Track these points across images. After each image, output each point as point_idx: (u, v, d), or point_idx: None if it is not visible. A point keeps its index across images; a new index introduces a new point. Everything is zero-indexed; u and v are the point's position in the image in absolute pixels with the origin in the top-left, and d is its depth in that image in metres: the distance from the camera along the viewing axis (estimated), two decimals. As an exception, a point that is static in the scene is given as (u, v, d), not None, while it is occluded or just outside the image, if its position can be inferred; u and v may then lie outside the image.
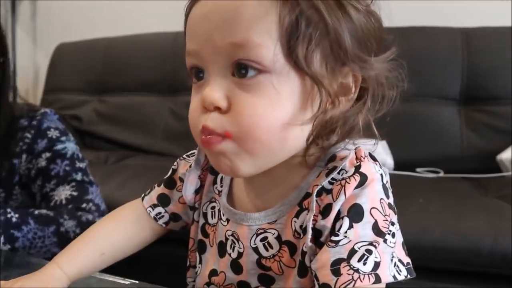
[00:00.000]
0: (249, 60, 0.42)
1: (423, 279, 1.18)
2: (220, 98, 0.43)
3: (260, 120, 0.42)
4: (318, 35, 0.42)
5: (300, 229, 0.46)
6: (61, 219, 0.86)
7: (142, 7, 2.38)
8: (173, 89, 2.11)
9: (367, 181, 0.43)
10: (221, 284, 0.53)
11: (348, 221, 0.42)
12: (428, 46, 1.80)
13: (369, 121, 0.46)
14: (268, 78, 0.42)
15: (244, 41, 0.41)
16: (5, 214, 0.81)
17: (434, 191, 1.40)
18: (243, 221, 0.50)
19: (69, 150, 0.96)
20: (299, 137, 0.44)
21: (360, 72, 0.44)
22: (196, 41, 0.45)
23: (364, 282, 0.40)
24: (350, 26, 0.43)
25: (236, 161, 0.44)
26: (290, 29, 0.41)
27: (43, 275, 0.52)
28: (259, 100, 0.42)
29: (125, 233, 0.58)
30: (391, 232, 0.44)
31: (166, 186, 0.60)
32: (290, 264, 0.48)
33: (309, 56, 0.42)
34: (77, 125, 2.22)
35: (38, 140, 0.94)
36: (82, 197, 0.91)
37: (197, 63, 0.46)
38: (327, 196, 0.44)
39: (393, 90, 0.46)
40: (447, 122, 1.75)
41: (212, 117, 0.43)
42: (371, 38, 0.45)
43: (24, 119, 0.96)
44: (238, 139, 0.43)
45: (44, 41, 2.64)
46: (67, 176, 0.93)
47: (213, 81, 0.44)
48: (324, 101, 0.43)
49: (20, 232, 0.80)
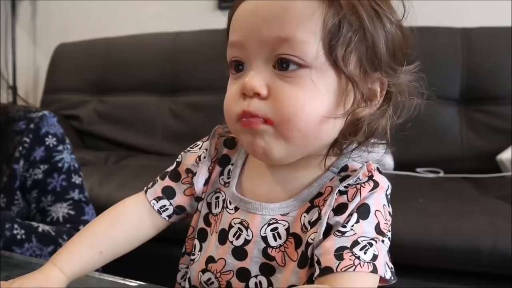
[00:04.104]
0: (293, 55, 0.45)
1: (423, 279, 1.18)
2: (261, 85, 0.46)
3: (300, 109, 0.45)
4: (357, 39, 0.46)
5: (308, 224, 0.50)
6: (60, 239, 0.87)
7: (142, 7, 2.38)
8: (173, 89, 2.11)
9: (378, 187, 0.48)
10: (219, 270, 0.54)
11: (356, 216, 0.46)
12: (428, 46, 1.81)
13: (387, 127, 0.50)
14: (308, 73, 0.45)
15: (290, 37, 0.45)
16: (12, 229, 0.82)
17: (434, 191, 1.41)
18: (257, 210, 0.52)
19: (65, 163, 0.96)
20: (331, 131, 0.48)
21: (388, 80, 0.48)
22: (243, 33, 0.48)
23: (363, 268, 0.44)
24: (385, 35, 0.47)
25: (272, 144, 0.47)
26: (333, 30, 0.45)
27: (41, 274, 0.52)
28: (300, 91, 0.45)
29: (124, 230, 0.58)
30: (387, 236, 0.48)
31: (171, 178, 0.60)
32: (292, 256, 0.50)
33: (347, 57, 0.46)
34: (77, 125, 2.22)
35: (36, 146, 0.94)
36: (79, 218, 0.94)
37: (239, 54, 0.49)
38: (341, 196, 0.48)
39: (413, 100, 0.51)
40: (447, 122, 1.75)
41: (254, 103, 0.47)
42: (400, 50, 0.49)
43: (22, 121, 0.95)
44: (279, 125, 0.46)
45: (44, 41, 2.64)
46: (64, 194, 0.95)
47: (255, 70, 0.47)
48: (356, 100, 0.47)
49: (20, 249, 0.82)
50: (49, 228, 0.89)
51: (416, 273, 1.18)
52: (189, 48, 2.10)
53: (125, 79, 2.20)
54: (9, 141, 0.94)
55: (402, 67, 0.49)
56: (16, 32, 2.66)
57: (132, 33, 2.25)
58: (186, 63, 2.07)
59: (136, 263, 0.92)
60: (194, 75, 2.06)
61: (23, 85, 2.68)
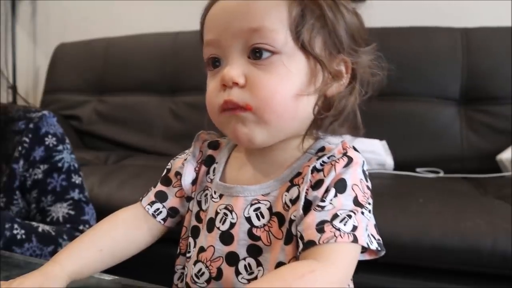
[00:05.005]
0: (264, 43, 0.50)
1: (423, 279, 1.18)
2: (238, 74, 0.51)
3: (275, 92, 0.50)
4: (319, 25, 0.52)
5: (289, 202, 0.52)
6: (60, 239, 0.88)
7: (142, 7, 2.38)
8: (173, 89, 2.12)
9: (352, 162, 0.51)
10: (208, 258, 0.55)
11: (334, 191, 0.49)
12: (428, 46, 1.81)
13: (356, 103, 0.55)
14: (279, 58, 0.50)
15: (260, 27, 0.50)
16: (11, 229, 0.82)
17: (434, 191, 1.40)
18: (240, 193, 0.55)
19: (65, 163, 0.97)
20: (306, 108, 0.52)
21: (350, 59, 0.54)
22: (217, 31, 0.53)
23: (344, 239, 0.46)
24: (343, 21, 0.53)
25: (254, 130, 0.51)
26: (297, 18, 0.51)
27: (41, 273, 0.53)
28: (273, 76, 0.50)
29: (123, 232, 0.59)
30: (367, 209, 0.50)
31: (162, 184, 0.63)
32: (277, 235, 0.53)
33: (312, 41, 0.51)
34: (77, 125, 2.22)
35: (36, 146, 0.94)
36: (79, 218, 0.94)
37: (215, 52, 0.53)
38: (318, 173, 0.51)
39: (376, 76, 0.56)
40: (447, 122, 1.75)
41: (234, 92, 0.51)
42: (358, 33, 0.55)
43: (21, 121, 0.95)
44: (257, 110, 0.50)
45: (44, 41, 2.65)
46: (64, 193, 0.95)
47: (231, 63, 0.52)
48: (325, 78, 0.52)
49: (20, 249, 0.82)
50: (49, 228, 0.89)
51: (416, 273, 1.18)
52: (189, 48, 2.09)
53: (125, 79, 2.20)
54: (9, 141, 0.94)
55: (362, 48, 0.55)
56: (16, 32, 2.66)
57: (132, 33, 2.25)
58: (186, 63, 2.07)
59: (136, 263, 0.92)
60: (194, 75, 2.06)
61: (23, 85, 2.68)
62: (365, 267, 0.50)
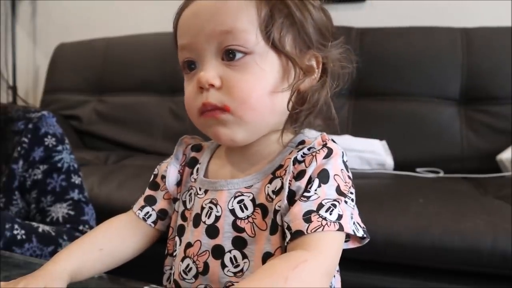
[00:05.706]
0: (237, 44, 0.52)
1: (423, 279, 1.18)
2: (214, 76, 0.52)
3: (251, 91, 0.52)
4: (288, 23, 0.53)
5: (272, 193, 0.54)
6: (60, 239, 0.87)
7: (142, 7, 2.38)
8: (173, 89, 2.11)
9: (332, 153, 0.53)
10: (195, 253, 0.56)
11: (317, 181, 0.51)
12: (428, 46, 1.81)
13: (328, 96, 0.57)
14: (252, 58, 0.52)
15: (231, 28, 0.52)
16: (12, 230, 0.82)
17: (434, 191, 1.40)
18: (224, 186, 0.57)
19: (65, 163, 0.97)
20: (281, 103, 0.54)
21: (320, 54, 0.56)
22: (190, 35, 0.54)
23: (330, 227, 0.48)
24: (310, 18, 0.55)
25: (235, 130, 0.53)
26: (266, 18, 0.52)
27: (43, 273, 0.53)
28: (248, 76, 0.52)
29: (119, 236, 0.61)
30: (350, 197, 0.52)
31: (150, 188, 0.65)
32: (261, 226, 0.54)
33: (283, 39, 0.53)
34: (77, 125, 2.22)
35: (35, 147, 0.94)
36: (79, 218, 0.94)
37: (190, 55, 0.55)
38: (299, 165, 0.53)
39: (345, 69, 0.58)
40: (447, 122, 1.75)
41: (211, 94, 0.53)
42: (326, 28, 0.57)
43: (21, 121, 0.95)
44: (236, 110, 0.52)
45: (44, 41, 2.65)
46: (64, 194, 0.95)
47: (206, 65, 0.53)
48: (297, 74, 0.54)
49: (21, 249, 0.81)
50: (49, 228, 0.89)
51: (416, 273, 1.18)
52: (189, 48, 2.09)
53: (125, 79, 2.20)
54: (8, 141, 0.94)
55: (330, 43, 0.57)
56: (16, 32, 2.66)
57: (131, 33, 2.25)
58: (186, 63, 2.06)
59: (135, 263, 0.92)
60: (194, 75, 2.06)
61: (23, 85, 2.68)
62: (365, 267, 0.50)
